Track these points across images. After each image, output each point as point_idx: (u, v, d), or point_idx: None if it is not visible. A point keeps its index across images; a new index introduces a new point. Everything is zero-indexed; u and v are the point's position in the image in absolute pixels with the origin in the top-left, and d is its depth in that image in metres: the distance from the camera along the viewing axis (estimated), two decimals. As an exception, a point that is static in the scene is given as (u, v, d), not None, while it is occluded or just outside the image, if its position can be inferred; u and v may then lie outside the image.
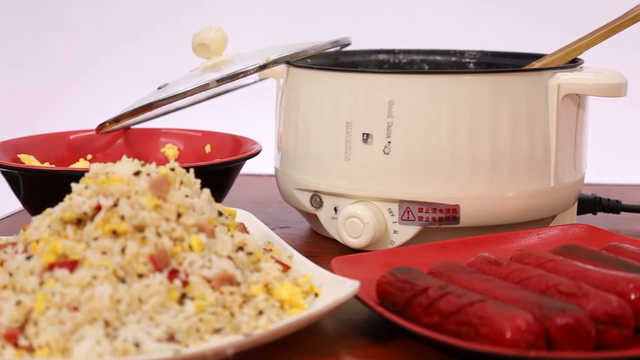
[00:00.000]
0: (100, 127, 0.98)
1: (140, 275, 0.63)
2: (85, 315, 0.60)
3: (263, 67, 0.90)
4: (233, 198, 1.03)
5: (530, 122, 0.84)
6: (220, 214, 0.71)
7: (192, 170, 0.72)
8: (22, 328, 0.61)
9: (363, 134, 0.84)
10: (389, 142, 0.83)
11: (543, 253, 0.73)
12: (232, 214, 0.73)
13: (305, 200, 0.89)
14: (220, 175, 0.93)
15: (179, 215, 0.67)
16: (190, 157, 1.03)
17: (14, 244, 0.69)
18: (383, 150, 0.83)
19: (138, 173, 0.68)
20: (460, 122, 0.82)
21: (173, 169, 0.70)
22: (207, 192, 0.71)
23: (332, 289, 0.67)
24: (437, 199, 0.83)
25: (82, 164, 1.01)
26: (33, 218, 0.69)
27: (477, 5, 1.56)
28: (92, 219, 0.66)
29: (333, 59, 1.02)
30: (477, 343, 0.60)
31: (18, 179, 0.89)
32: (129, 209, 0.65)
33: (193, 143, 1.05)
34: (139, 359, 0.57)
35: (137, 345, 0.59)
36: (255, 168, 1.12)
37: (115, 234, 0.65)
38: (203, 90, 0.91)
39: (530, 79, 0.84)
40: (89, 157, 1.03)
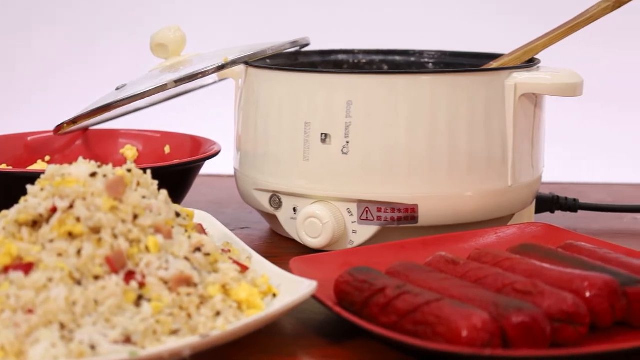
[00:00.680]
0: (58, 128, 0.98)
1: (97, 277, 0.63)
2: (41, 318, 0.60)
3: (221, 67, 0.90)
4: (193, 199, 1.03)
5: (488, 121, 0.84)
6: (178, 215, 0.71)
7: (149, 172, 0.71)
8: (-24, 331, 0.60)
9: (321, 134, 0.84)
10: (348, 142, 0.83)
11: (500, 252, 0.74)
12: (190, 215, 0.73)
13: (265, 201, 0.89)
14: (180, 176, 0.93)
15: (136, 217, 0.66)
16: (150, 157, 1.03)
17: (-31, 247, 0.68)
18: (341, 151, 0.83)
19: (94, 174, 0.68)
20: (418, 122, 0.83)
21: (130, 170, 0.70)
22: (164, 193, 0.70)
23: (290, 290, 0.67)
24: (395, 199, 0.83)
25: (39, 166, 1.00)
26: (-12, 220, 0.69)
27: (437, 5, 1.57)
28: (47, 221, 0.66)
29: (292, 60, 1.02)
30: (433, 342, 0.60)
31: (-26, 181, 0.88)
32: (85, 211, 0.65)
33: (152, 144, 1.04)
34: (95, 362, 0.57)
35: (92, 348, 0.59)
36: (216, 169, 1.12)
37: (71, 236, 0.65)
38: (161, 91, 0.91)
39: (487, 79, 0.85)
40: (47, 158, 1.02)
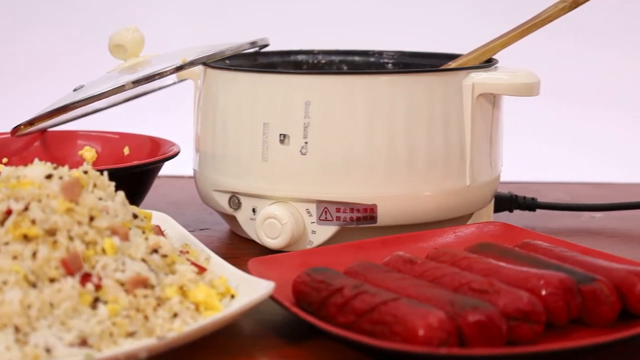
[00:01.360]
0: (15, 129, 0.97)
1: (52, 280, 0.63)
2: (-5, 321, 0.59)
3: (180, 68, 0.90)
4: (153, 200, 1.02)
5: (446, 121, 0.85)
6: (136, 217, 0.71)
7: (106, 173, 0.71)
8: None
9: (280, 135, 0.84)
10: (306, 142, 0.83)
11: (458, 251, 0.74)
12: (147, 217, 0.73)
13: (224, 202, 0.89)
14: (139, 178, 0.93)
15: (92, 219, 0.66)
16: (109, 159, 1.02)
17: None
18: (300, 151, 0.84)
19: (50, 176, 0.67)
20: (377, 122, 0.83)
21: (86, 172, 0.69)
22: (121, 194, 0.70)
23: (248, 290, 0.67)
24: (354, 199, 0.83)
25: (-3, 168, 0.99)
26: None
27: (397, 5, 1.57)
28: (2, 224, 0.65)
29: (252, 60, 1.02)
30: (390, 341, 0.60)
31: None
32: (40, 213, 0.65)
33: (111, 145, 1.04)
34: (50, 365, 0.57)
35: (48, 351, 0.58)
36: (177, 170, 1.12)
37: (27, 239, 0.64)
38: (119, 92, 0.90)
39: (445, 79, 0.85)
40: (5, 160, 1.01)
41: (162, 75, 0.90)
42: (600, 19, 1.52)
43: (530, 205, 0.99)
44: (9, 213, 0.65)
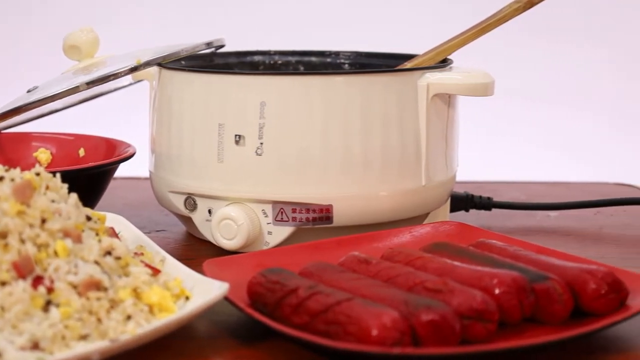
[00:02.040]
0: (-32, 131, 0.96)
1: (3, 283, 0.62)
2: (-55, 326, 0.59)
3: (134, 69, 0.89)
4: (109, 202, 1.01)
5: (401, 121, 0.85)
6: (89, 219, 0.70)
7: (58, 175, 0.70)
8: None
9: (235, 136, 0.84)
10: (261, 143, 0.83)
11: (412, 251, 0.74)
12: (101, 219, 0.72)
13: (180, 203, 0.89)
14: (94, 179, 0.92)
15: (44, 221, 0.66)
16: (64, 161, 1.02)
17: None
18: (255, 152, 0.83)
19: (1, 178, 0.67)
20: (332, 122, 0.83)
21: (38, 174, 0.69)
22: (74, 196, 0.70)
23: (202, 292, 0.67)
24: (310, 200, 0.83)
25: (-50, 170, 0.98)
26: None
27: (355, 6, 1.58)
28: (-48, 227, 0.64)
29: (208, 61, 1.01)
30: (344, 341, 0.60)
31: None
32: (-9, 216, 0.64)
33: (66, 147, 1.03)
34: (1, 369, 0.56)
35: (-1, 355, 0.58)
36: (134, 171, 1.11)
37: (-23, 242, 0.64)
38: (73, 93, 0.90)
39: (400, 79, 0.85)
40: (-42, 162, 1.00)
41: (116, 76, 0.89)
42: (552, 19, 1.53)
43: (486, 205, 0.99)
44: (-40, 216, 0.64)
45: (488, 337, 0.63)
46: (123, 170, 0.99)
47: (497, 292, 0.65)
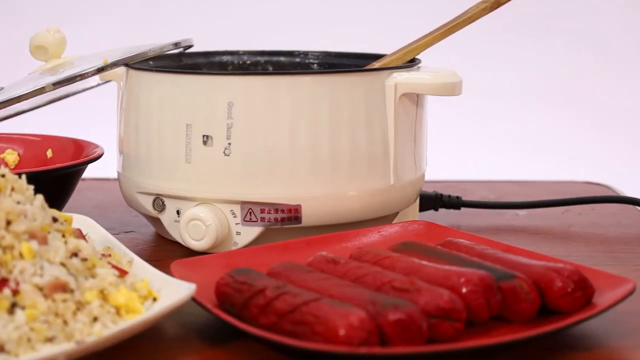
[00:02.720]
0: None
1: (-32, 286, 0.62)
2: None
3: (101, 69, 0.89)
4: (78, 203, 1.01)
5: (369, 121, 0.85)
6: (55, 220, 0.70)
7: (24, 176, 0.70)
8: None
9: (203, 136, 0.84)
10: (229, 143, 0.83)
11: (380, 250, 0.74)
12: (68, 220, 0.72)
13: (148, 204, 0.88)
14: (62, 180, 0.92)
15: (9, 223, 0.65)
16: (32, 162, 1.01)
17: None
18: (223, 152, 0.83)
19: (-34, 180, 0.66)
20: (300, 122, 0.83)
21: (4, 175, 0.68)
22: (40, 198, 0.69)
23: (170, 293, 0.67)
24: (278, 200, 0.83)
25: None
26: None
27: (324, 5, 1.58)
28: None
29: (177, 61, 1.01)
30: (312, 342, 0.60)
31: None
32: (-45, 218, 0.63)
33: (34, 148, 1.02)
34: (-35, 372, 0.56)
35: (-37, 358, 0.57)
36: (104, 172, 1.11)
37: (-59, 244, 0.63)
38: (39, 94, 0.89)
39: (368, 79, 0.85)
40: None
41: (83, 77, 0.89)
42: (517, 18, 1.54)
43: (455, 204, 0.99)
44: None
45: (455, 336, 0.63)
46: (91, 172, 0.98)
47: (464, 291, 0.65)
